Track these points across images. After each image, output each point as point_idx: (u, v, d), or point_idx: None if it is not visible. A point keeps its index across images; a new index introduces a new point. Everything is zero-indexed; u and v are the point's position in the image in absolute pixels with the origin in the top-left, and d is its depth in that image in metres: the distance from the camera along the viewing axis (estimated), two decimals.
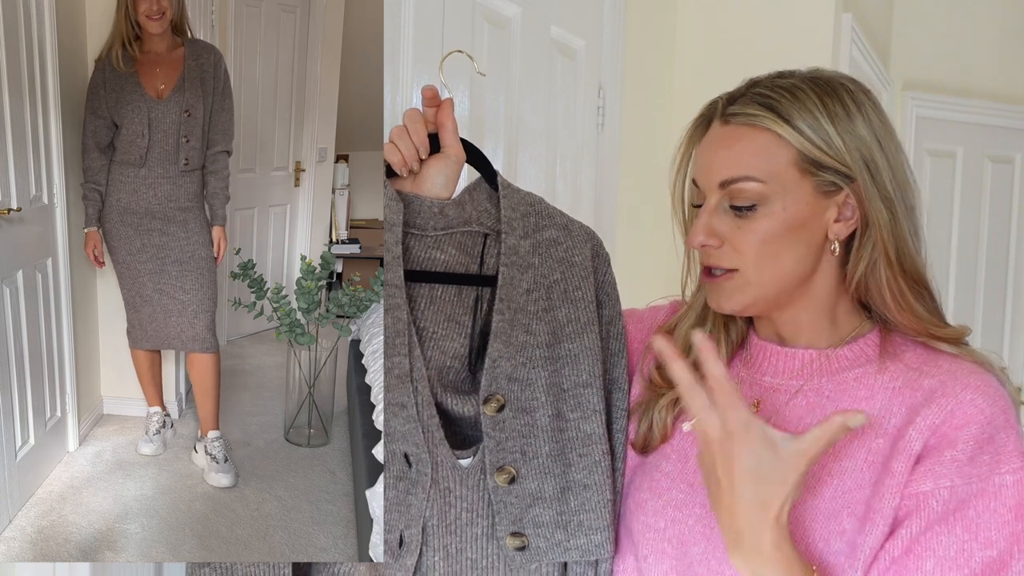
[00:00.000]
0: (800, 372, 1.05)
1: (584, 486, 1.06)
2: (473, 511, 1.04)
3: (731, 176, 0.99)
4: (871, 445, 0.98)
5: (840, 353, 1.04)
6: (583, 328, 1.08)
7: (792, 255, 1.00)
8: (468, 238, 1.09)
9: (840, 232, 1.00)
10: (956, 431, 0.93)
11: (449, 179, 1.07)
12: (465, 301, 1.09)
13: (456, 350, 1.08)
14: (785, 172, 0.98)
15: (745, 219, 0.99)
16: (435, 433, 1.02)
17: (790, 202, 0.98)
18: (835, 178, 0.98)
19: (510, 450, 1.04)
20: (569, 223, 1.12)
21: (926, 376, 0.99)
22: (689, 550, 1.02)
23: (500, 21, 1.81)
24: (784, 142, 0.98)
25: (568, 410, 1.07)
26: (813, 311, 1.04)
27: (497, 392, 1.04)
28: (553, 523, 1.06)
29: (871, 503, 0.95)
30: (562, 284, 1.09)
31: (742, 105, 1.00)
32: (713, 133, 1.03)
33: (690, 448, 1.08)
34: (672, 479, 1.07)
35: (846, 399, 1.02)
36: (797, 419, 1.03)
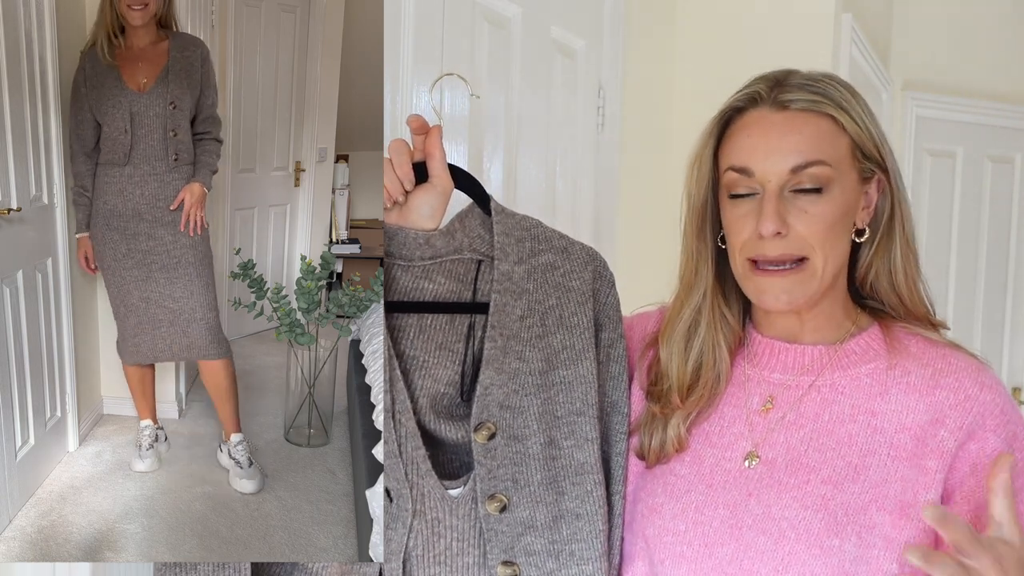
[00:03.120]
0: (810, 368, 1.06)
1: (576, 515, 1.06)
2: (464, 540, 1.03)
3: (805, 160, 0.99)
4: (892, 441, 1.00)
5: (847, 347, 1.06)
6: (578, 355, 1.07)
7: (843, 243, 1.03)
8: (460, 265, 1.08)
9: (864, 220, 1.04)
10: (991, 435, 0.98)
11: (435, 209, 1.06)
12: (458, 329, 1.08)
13: (449, 377, 1.07)
14: (844, 159, 1.01)
15: (812, 203, 0.99)
16: (420, 465, 1.01)
17: (845, 188, 1.01)
18: (874, 167, 1.02)
19: (501, 478, 1.03)
20: (568, 246, 1.10)
21: (941, 374, 1.02)
22: (715, 551, 1.02)
23: (500, 21, 1.81)
24: (842, 129, 1.01)
25: (562, 438, 1.06)
26: (832, 305, 1.07)
27: (488, 420, 1.03)
28: (545, 552, 1.05)
29: (904, 498, 0.97)
30: (558, 310, 1.07)
31: (796, 92, 1.01)
32: (769, 119, 1.01)
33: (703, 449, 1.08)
34: (690, 482, 1.06)
35: (861, 395, 1.03)
36: (814, 414, 1.04)
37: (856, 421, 1.02)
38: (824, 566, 0.96)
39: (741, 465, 1.05)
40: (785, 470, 1.02)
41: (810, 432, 1.03)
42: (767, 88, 1.02)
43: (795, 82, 1.02)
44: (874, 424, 1.01)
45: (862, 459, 1.00)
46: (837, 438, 1.02)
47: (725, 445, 1.07)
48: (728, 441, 1.07)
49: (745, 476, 1.04)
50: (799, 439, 1.03)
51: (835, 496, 0.99)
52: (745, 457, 1.05)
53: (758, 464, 1.04)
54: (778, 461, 1.03)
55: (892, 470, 0.98)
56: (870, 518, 0.97)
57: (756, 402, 1.07)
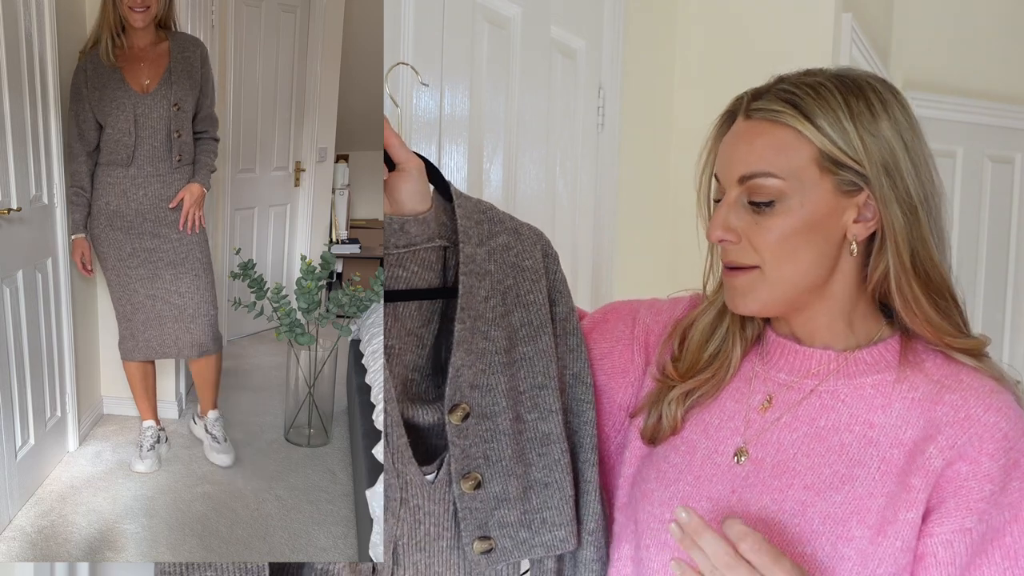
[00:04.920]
0: (815, 372, 1.05)
1: (545, 484, 1.09)
2: (439, 525, 1.06)
3: (750, 171, 0.98)
4: (885, 455, 0.98)
5: (858, 356, 1.03)
6: (536, 331, 1.10)
7: (810, 254, 0.99)
8: (432, 253, 1.09)
9: (859, 233, 0.99)
10: (985, 458, 0.94)
11: (414, 190, 1.05)
12: (425, 314, 1.10)
13: (415, 362, 1.09)
14: (805, 169, 0.97)
15: (763, 215, 0.98)
16: (403, 452, 1.03)
17: (809, 200, 0.97)
18: (854, 178, 0.97)
19: (474, 456, 1.06)
20: (519, 227, 1.13)
21: (947, 391, 0.98)
22: None
23: (500, 21, 1.81)
24: (805, 139, 0.97)
25: (526, 412, 1.09)
26: (830, 313, 1.04)
27: (462, 401, 1.05)
28: (518, 522, 1.08)
29: (884, 514, 0.95)
30: (515, 289, 1.10)
31: (766, 101, 1.00)
32: (736, 128, 1.03)
33: (699, 440, 1.08)
34: (680, 471, 1.07)
35: (862, 405, 1.01)
36: (809, 419, 1.03)
37: (852, 431, 1.00)
38: None
39: (730, 460, 1.05)
40: (771, 471, 1.02)
41: (802, 436, 1.02)
42: (750, 95, 1.03)
43: (778, 88, 1.01)
44: (870, 436, 0.99)
45: (850, 470, 0.98)
46: (828, 445, 1.01)
47: (720, 438, 1.07)
48: (723, 435, 1.07)
49: (732, 472, 1.04)
50: (790, 442, 1.03)
51: (816, 504, 0.98)
52: (735, 453, 1.05)
53: (746, 461, 1.04)
54: (766, 461, 1.03)
55: (879, 484, 0.97)
56: (849, 530, 0.96)
57: (757, 399, 1.07)
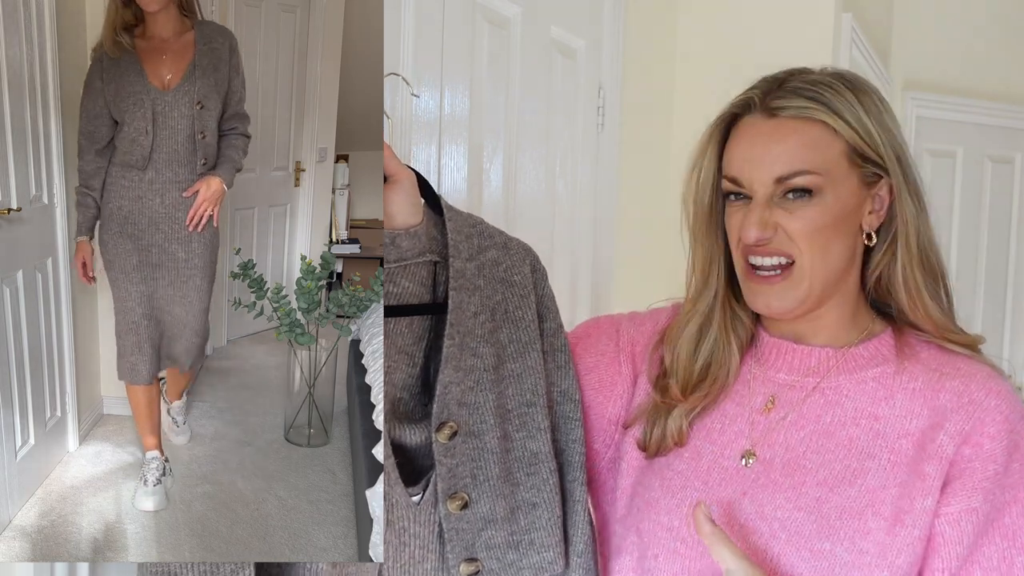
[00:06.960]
0: (816, 370, 1.06)
1: (532, 505, 1.06)
2: (425, 547, 1.03)
3: (791, 170, 0.99)
4: (894, 446, 0.99)
5: (856, 352, 1.05)
6: (525, 347, 1.07)
7: (838, 247, 1.01)
8: (423, 268, 1.07)
9: (873, 223, 1.03)
10: (988, 440, 0.96)
11: (404, 203, 1.03)
12: (416, 331, 1.07)
13: (405, 381, 1.06)
14: (837, 164, 0.99)
15: (799, 208, 0.99)
16: (391, 474, 1.01)
17: (841, 193, 1.00)
18: (876, 170, 1.01)
19: (461, 475, 1.03)
20: (508, 241, 1.11)
21: (947, 378, 1.00)
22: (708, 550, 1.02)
23: (500, 21, 1.81)
24: (835, 134, 0.99)
25: (514, 430, 1.06)
26: (840, 308, 1.06)
27: (449, 419, 1.02)
28: (505, 544, 1.05)
29: (899, 504, 0.97)
30: (504, 305, 1.07)
31: (788, 99, 1.00)
32: (758, 128, 1.02)
33: (703, 445, 1.08)
34: (686, 478, 1.06)
35: (866, 399, 1.03)
36: (815, 417, 1.04)
37: (858, 425, 1.01)
38: (813, 570, 0.96)
39: (738, 463, 1.05)
40: (781, 470, 1.02)
41: (810, 434, 1.03)
42: (761, 94, 1.02)
43: (791, 86, 1.01)
44: (876, 428, 1.00)
45: (861, 463, 0.99)
46: (837, 441, 1.01)
47: (724, 442, 1.07)
48: (728, 439, 1.07)
49: (741, 474, 1.04)
50: (798, 440, 1.03)
51: (830, 499, 0.98)
52: (742, 455, 1.05)
53: (755, 463, 1.04)
54: (775, 461, 1.03)
55: (891, 475, 0.98)
56: (865, 523, 0.97)
57: (759, 401, 1.07)
